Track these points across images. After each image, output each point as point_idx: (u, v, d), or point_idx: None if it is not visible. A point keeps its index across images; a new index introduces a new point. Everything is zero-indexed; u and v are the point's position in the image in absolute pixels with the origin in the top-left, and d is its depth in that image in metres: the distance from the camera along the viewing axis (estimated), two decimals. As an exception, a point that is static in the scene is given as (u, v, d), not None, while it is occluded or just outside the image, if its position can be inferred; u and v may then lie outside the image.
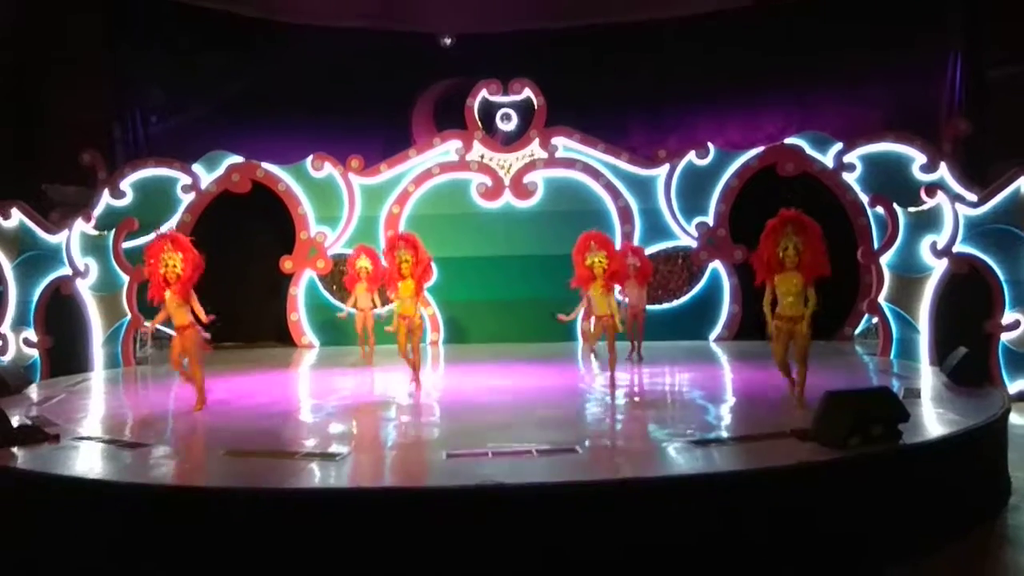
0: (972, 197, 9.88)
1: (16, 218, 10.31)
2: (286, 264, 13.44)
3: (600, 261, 8.06)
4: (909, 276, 10.15)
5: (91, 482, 5.06)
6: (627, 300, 10.45)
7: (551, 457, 5.45)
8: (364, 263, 10.63)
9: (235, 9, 13.86)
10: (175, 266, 7.28)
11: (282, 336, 13.68)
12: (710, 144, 13.31)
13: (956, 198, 9.89)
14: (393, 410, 7.73)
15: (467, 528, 4.58)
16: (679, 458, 5.42)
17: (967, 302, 9.37)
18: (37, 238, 10.37)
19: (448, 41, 14.46)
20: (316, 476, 5.17)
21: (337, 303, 13.19)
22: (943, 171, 11.24)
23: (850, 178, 12.52)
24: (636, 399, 8.08)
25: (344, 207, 13.55)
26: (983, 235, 9.46)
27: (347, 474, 5.28)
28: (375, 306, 10.92)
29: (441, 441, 6.26)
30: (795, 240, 6.65)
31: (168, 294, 7.32)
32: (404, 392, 8.50)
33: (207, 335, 7.81)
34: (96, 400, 8.58)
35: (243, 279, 13.41)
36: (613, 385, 8.24)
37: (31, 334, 10.19)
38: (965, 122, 11.71)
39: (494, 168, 13.56)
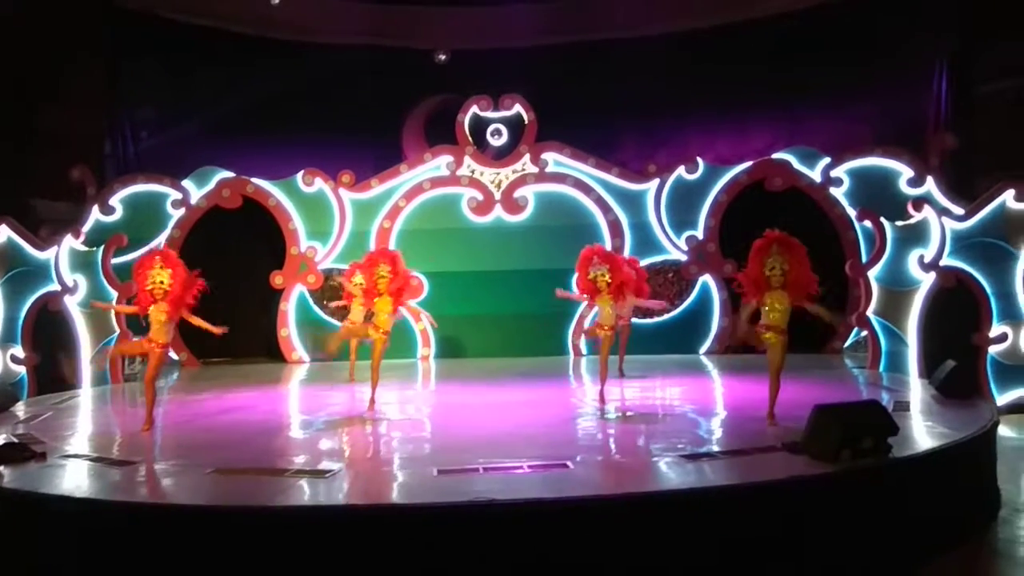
0: (959, 211, 9.97)
1: (4, 234, 10.25)
2: (276, 279, 13.41)
3: (603, 275, 8.10)
4: (897, 289, 10.22)
5: (78, 500, 5.01)
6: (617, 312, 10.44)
7: (543, 473, 5.44)
8: (359, 279, 10.60)
9: (227, 26, 13.88)
10: (163, 282, 7.24)
11: (272, 351, 13.63)
12: (699, 159, 13.40)
13: (943, 212, 9.97)
14: (384, 426, 7.70)
15: (458, 545, 4.56)
16: (670, 473, 5.42)
17: (955, 315, 9.44)
18: (25, 254, 10.31)
19: (443, 57, 14.53)
20: (306, 493, 5.14)
21: (328, 319, 13.17)
22: (930, 185, 11.33)
23: (838, 192, 12.61)
24: (627, 413, 8.07)
25: (335, 222, 13.54)
26: (970, 248, 9.54)
27: (337, 491, 5.25)
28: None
29: (432, 457, 6.24)
30: (781, 260, 6.72)
31: (153, 309, 7.27)
32: (394, 408, 8.46)
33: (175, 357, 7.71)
34: (84, 417, 8.52)
35: (233, 294, 13.31)
36: (603, 399, 8.25)
37: (18, 351, 10.11)
38: (951, 136, 11.82)
39: (485, 183, 13.60)
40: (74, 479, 5.55)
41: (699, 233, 13.30)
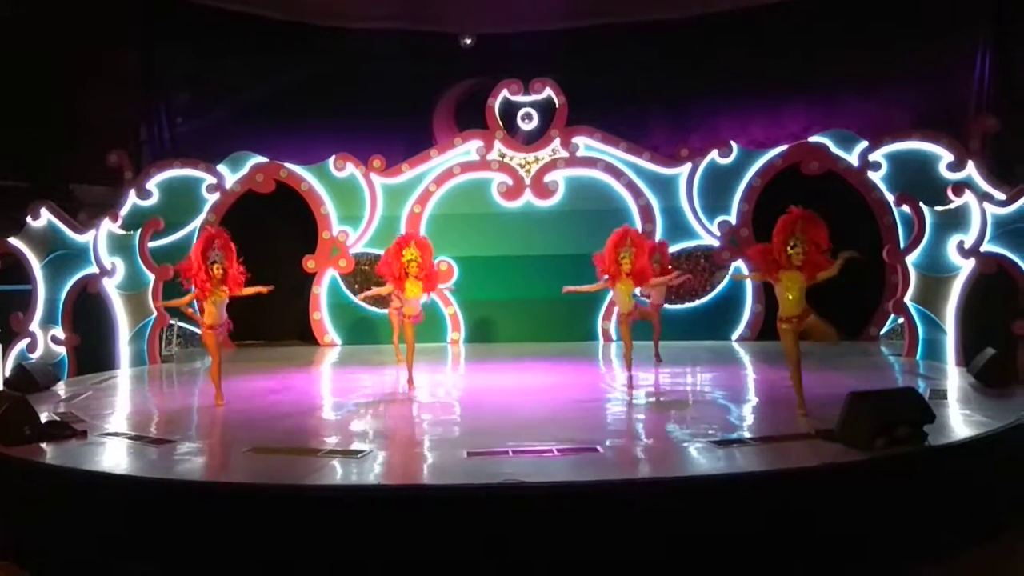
0: (1000, 196, 9.70)
1: (45, 218, 10.47)
2: (309, 263, 13.54)
3: (628, 259, 8.07)
4: (936, 276, 10.01)
5: (118, 478, 5.14)
6: (647, 298, 10.40)
7: (572, 456, 5.45)
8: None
9: (259, 11, 13.99)
10: (221, 267, 7.42)
11: (304, 335, 13.79)
12: (733, 142, 13.21)
13: (984, 197, 9.72)
14: (414, 408, 7.76)
15: (487, 526, 4.59)
16: (701, 458, 5.39)
17: (994, 302, 9.19)
18: (65, 237, 10.52)
19: (468, 41, 14.47)
20: (338, 473, 5.22)
21: (359, 303, 13.27)
22: (970, 169, 11.06)
23: (876, 177, 12.37)
24: (657, 399, 8.04)
25: (366, 207, 13.61)
26: (1011, 234, 9.27)
27: (369, 471, 5.31)
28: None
29: (462, 439, 6.28)
30: (804, 238, 6.54)
31: (214, 292, 7.46)
32: (425, 391, 8.52)
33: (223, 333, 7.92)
34: (122, 397, 8.71)
35: (266, 278, 13.49)
36: (632, 384, 8.22)
37: (59, 332, 10.34)
38: (993, 119, 11.51)
39: (515, 168, 13.56)
40: (114, 457, 5.68)
41: (732, 218, 13.14)
